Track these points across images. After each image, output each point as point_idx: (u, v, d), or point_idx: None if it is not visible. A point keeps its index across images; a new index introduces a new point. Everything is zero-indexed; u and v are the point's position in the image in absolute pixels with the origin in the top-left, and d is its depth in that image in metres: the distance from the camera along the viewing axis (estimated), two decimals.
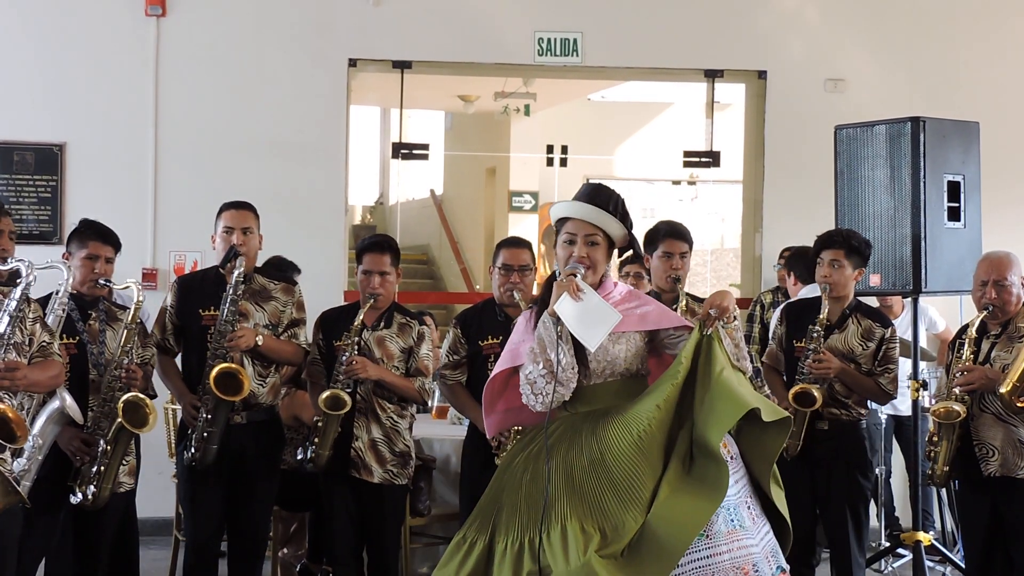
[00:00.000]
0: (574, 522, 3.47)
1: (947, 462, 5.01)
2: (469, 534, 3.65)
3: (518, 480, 3.64)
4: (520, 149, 13.63)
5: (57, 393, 4.40)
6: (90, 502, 4.61)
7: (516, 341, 3.79)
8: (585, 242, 3.74)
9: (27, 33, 7.54)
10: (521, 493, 3.60)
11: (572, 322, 3.61)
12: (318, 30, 7.70)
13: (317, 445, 4.98)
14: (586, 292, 3.64)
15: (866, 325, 5.29)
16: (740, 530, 3.55)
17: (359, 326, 5.03)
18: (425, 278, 14.75)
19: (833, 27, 8.02)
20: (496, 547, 3.57)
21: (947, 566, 6.45)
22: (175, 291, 5.15)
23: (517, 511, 3.58)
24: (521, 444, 3.77)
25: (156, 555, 6.42)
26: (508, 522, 3.58)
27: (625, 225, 3.78)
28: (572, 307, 3.62)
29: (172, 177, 7.57)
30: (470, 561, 3.58)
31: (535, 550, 3.48)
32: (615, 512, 3.48)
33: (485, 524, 3.63)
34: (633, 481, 3.51)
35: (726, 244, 15.66)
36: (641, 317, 3.76)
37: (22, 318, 4.09)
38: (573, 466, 3.57)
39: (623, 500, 3.49)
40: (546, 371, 3.61)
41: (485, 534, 3.61)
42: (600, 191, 3.79)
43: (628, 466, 3.53)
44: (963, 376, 4.93)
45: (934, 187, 5.75)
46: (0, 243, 4.63)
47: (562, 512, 3.49)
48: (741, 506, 3.59)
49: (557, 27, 7.80)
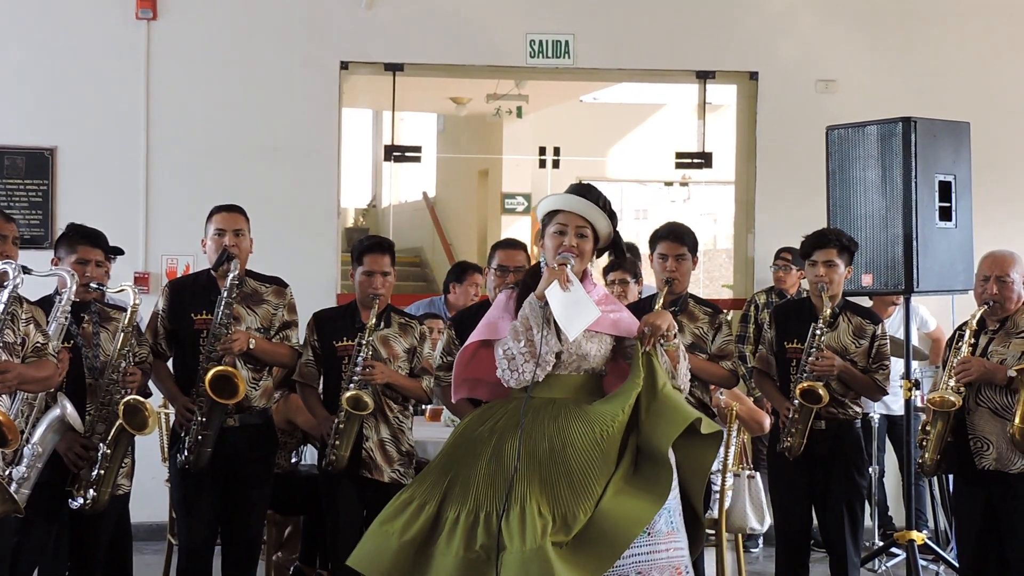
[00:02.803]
0: (532, 504, 3.58)
1: (938, 450, 5.04)
2: (418, 495, 3.74)
3: (477, 453, 3.73)
4: (512, 151, 13.64)
5: (58, 401, 4.40)
6: (89, 506, 4.59)
7: (495, 316, 3.92)
8: (575, 233, 3.88)
9: (17, 37, 7.52)
10: (479, 467, 3.70)
11: (558, 309, 3.73)
12: (310, 33, 7.69)
13: (337, 447, 4.96)
14: (574, 284, 3.78)
15: (856, 323, 5.32)
16: (676, 532, 3.74)
17: (372, 327, 5.01)
18: (418, 280, 14.74)
19: (824, 28, 8.03)
20: (447, 515, 3.66)
21: (940, 565, 6.46)
22: (166, 295, 5.14)
23: (473, 484, 3.68)
24: (481, 418, 3.86)
25: (150, 560, 6.42)
26: (463, 493, 3.68)
27: (612, 222, 3.92)
28: (560, 295, 3.75)
29: (164, 181, 7.56)
30: (417, 523, 3.67)
31: (491, 526, 3.58)
32: (567, 502, 3.62)
33: (435, 488, 3.73)
34: (588, 476, 3.66)
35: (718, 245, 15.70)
36: (614, 322, 3.93)
37: (13, 318, 4.08)
38: (535, 450, 3.69)
39: (576, 492, 3.63)
40: (527, 350, 3.73)
41: (435, 499, 3.70)
42: (590, 188, 3.95)
43: (585, 461, 3.67)
44: (961, 367, 4.95)
45: (925, 187, 5.76)
46: (4, 249, 4.62)
47: (522, 493, 3.60)
48: (676, 512, 3.76)
49: (549, 29, 7.81)
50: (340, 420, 4.96)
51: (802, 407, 5.16)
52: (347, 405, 4.92)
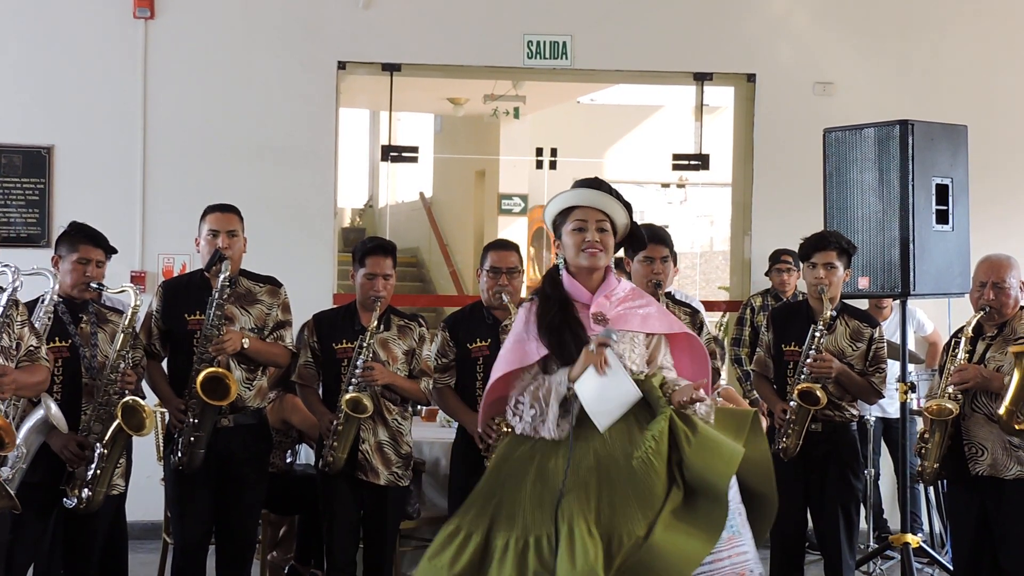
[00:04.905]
0: (580, 524, 3.43)
1: (937, 459, 5.01)
2: (464, 524, 3.57)
3: (520, 475, 3.57)
4: (509, 152, 13.63)
5: (42, 401, 4.39)
6: (84, 506, 4.59)
7: (520, 338, 3.69)
8: (596, 228, 3.69)
9: (15, 35, 7.51)
10: (525, 490, 3.54)
11: (589, 401, 3.51)
12: (307, 33, 7.69)
13: (335, 448, 4.96)
14: (612, 367, 3.52)
15: (854, 326, 5.32)
16: (738, 536, 3.58)
17: (373, 330, 5.00)
18: (415, 281, 14.74)
19: (822, 31, 8.04)
20: (496, 542, 3.50)
21: (935, 568, 6.46)
22: (160, 296, 5.12)
23: (521, 508, 3.51)
24: (520, 438, 3.68)
25: (145, 559, 6.41)
26: (510, 518, 3.51)
27: (628, 212, 3.75)
28: (594, 383, 3.50)
29: (160, 180, 7.55)
30: (466, 554, 3.50)
31: (542, 550, 3.43)
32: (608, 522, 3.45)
33: (482, 516, 3.56)
34: (629, 499, 3.49)
35: (715, 247, 15.70)
36: (643, 318, 3.72)
37: (9, 322, 4.07)
38: (579, 467, 3.52)
39: (616, 513, 3.47)
40: (538, 420, 3.58)
41: (482, 527, 3.53)
42: (600, 181, 3.77)
43: (627, 483, 3.51)
44: (957, 374, 4.94)
45: (922, 190, 5.76)
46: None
47: (570, 513, 3.45)
48: (735, 514, 3.61)
49: (546, 30, 7.81)
50: (339, 422, 4.96)
51: (799, 408, 5.17)
52: (347, 408, 4.91)
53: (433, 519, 5.96)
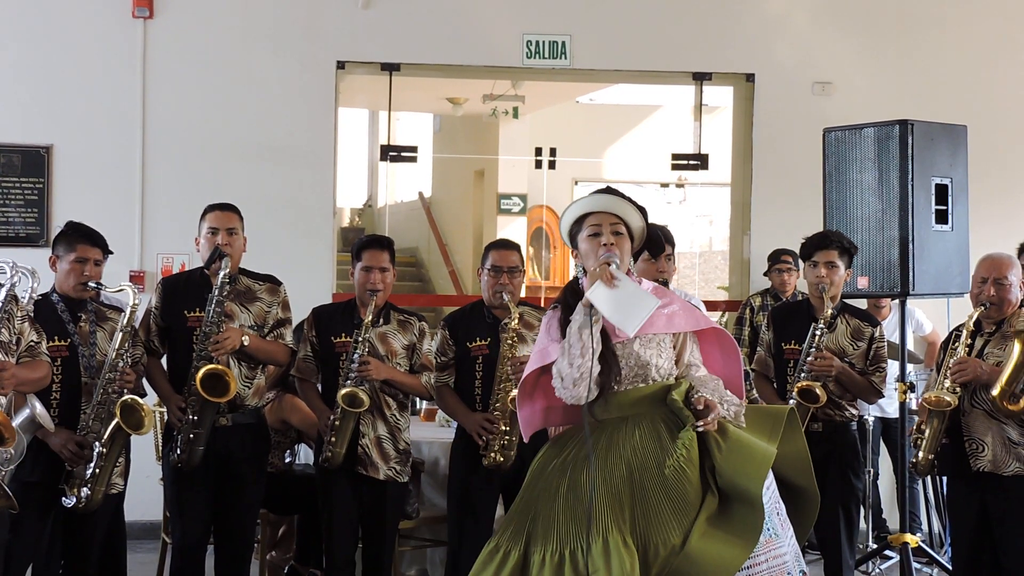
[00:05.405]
0: (615, 535, 3.43)
1: (932, 449, 5.03)
2: (502, 542, 3.58)
3: (554, 488, 3.58)
4: (509, 152, 13.61)
5: (27, 401, 4.38)
6: (83, 505, 4.59)
7: (544, 343, 3.71)
8: (611, 231, 3.68)
9: (14, 35, 7.51)
10: (558, 503, 3.54)
11: (607, 310, 3.51)
12: (306, 32, 7.69)
13: (333, 444, 4.95)
14: (621, 279, 3.54)
15: (855, 325, 5.33)
16: (775, 539, 3.58)
17: (369, 323, 4.99)
18: (414, 280, 14.73)
19: (821, 30, 8.04)
20: (533, 557, 3.51)
21: (934, 568, 6.46)
22: (160, 293, 5.12)
23: (555, 521, 3.52)
24: (555, 449, 3.70)
25: (143, 558, 6.41)
26: (546, 532, 3.52)
27: (643, 217, 3.74)
28: (607, 295, 3.51)
29: (160, 179, 7.55)
30: (505, 571, 3.52)
31: (577, 563, 3.42)
32: (643, 531, 3.45)
33: (519, 532, 3.57)
34: (663, 507, 3.48)
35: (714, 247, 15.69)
36: (668, 318, 3.69)
37: (9, 317, 4.07)
38: (611, 476, 3.52)
39: (650, 522, 3.46)
40: (579, 372, 3.54)
41: (519, 543, 3.55)
42: (613, 189, 3.77)
43: (660, 489, 3.50)
44: (956, 367, 4.95)
45: (922, 190, 5.76)
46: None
47: (604, 524, 3.44)
48: (773, 514, 3.60)
49: (545, 30, 7.81)
50: (336, 417, 4.96)
51: (799, 407, 5.16)
52: (343, 402, 4.91)
53: (432, 519, 5.96)
